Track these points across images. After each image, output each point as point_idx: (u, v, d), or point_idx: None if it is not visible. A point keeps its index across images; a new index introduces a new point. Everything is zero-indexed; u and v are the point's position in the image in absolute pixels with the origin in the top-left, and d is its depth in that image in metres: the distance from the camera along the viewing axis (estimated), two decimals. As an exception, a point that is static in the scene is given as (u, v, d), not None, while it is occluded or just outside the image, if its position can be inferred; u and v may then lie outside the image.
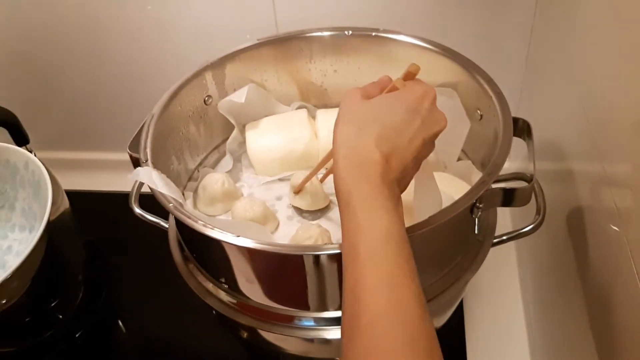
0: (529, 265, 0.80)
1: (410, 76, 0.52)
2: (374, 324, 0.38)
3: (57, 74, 0.93)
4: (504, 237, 0.62)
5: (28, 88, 0.95)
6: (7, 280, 0.61)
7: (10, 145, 0.74)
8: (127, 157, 0.61)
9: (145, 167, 0.58)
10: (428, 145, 0.49)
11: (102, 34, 0.88)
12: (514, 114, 0.63)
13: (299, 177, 0.67)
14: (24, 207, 0.77)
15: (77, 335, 0.80)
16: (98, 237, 0.89)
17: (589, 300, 0.55)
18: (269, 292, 0.57)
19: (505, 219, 0.86)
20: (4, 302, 0.66)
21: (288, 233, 0.66)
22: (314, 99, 0.79)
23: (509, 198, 0.57)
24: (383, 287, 0.39)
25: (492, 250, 0.62)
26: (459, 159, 0.70)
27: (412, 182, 0.60)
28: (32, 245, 0.64)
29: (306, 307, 0.57)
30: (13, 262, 0.74)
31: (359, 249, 0.41)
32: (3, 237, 0.77)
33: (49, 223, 0.66)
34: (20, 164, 0.74)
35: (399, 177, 0.46)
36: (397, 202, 0.45)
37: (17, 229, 0.78)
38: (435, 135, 0.49)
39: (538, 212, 0.61)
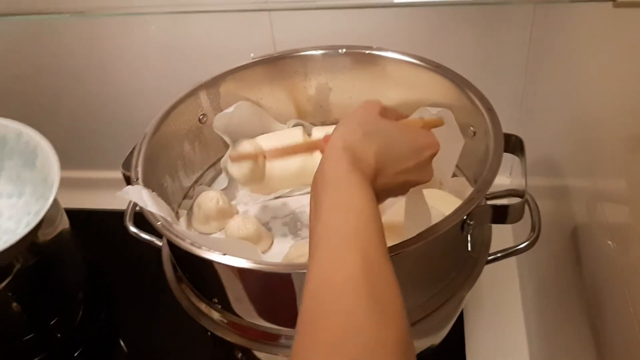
0: (530, 280, 0.79)
1: (430, 125, 0.54)
2: (343, 286, 0.36)
3: (57, 94, 0.94)
4: (499, 255, 0.62)
5: (30, 108, 0.96)
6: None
7: None
8: (125, 176, 0.61)
9: (135, 186, 0.58)
10: (403, 188, 0.50)
11: (105, 55, 0.89)
12: (513, 131, 0.63)
13: (246, 146, 0.65)
14: (11, 175, 0.79)
15: (76, 354, 0.80)
16: (97, 255, 0.90)
17: (590, 315, 0.54)
18: (260, 312, 0.57)
19: (507, 234, 0.85)
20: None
21: (282, 251, 0.65)
22: (310, 117, 0.79)
23: (500, 215, 0.56)
24: (358, 257, 0.37)
25: (493, 265, 0.62)
26: (453, 175, 0.70)
27: (402, 200, 0.60)
28: (47, 207, 0.67)
29: (298, 326, 0.57)
30: (6, 224, 0.78)
31: (346, 225, 0.39)
32: None
33: (43, 221, 0.68)
34: (10, 135, 0.76)
35: (376, 194, 0.45)
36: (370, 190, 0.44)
37: (5, 196, 0.80)
38: (415, 183, 0.50)
39: (533, 229, 0.61)
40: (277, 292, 0.55)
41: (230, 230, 0.65)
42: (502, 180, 0.92)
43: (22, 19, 0.86)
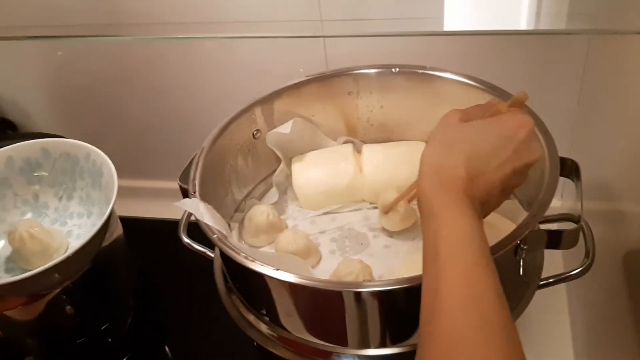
0: (580, 307, 0.77)
1: (516, 103, 0.52)
2: (451, 313, 0.40)
3: (120, 107, 0.98)
4: (551, 280, 0.61)
5: (94, 119, 1.00)
6: (71, 257, 0.64)
7: (69, 140, 0.79)
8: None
9: (192, 199, 0.60)
10: (519, 175, 0.49)
11: (165, 73, 0.92)
12: (566, 154, 0.62)
13: (387, 197, 0.68)
14: (82, 195, 0.81)
15: (124, 359, 0.82)
16: (148, 263, 0.92)
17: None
18: (308, 327, 0.58)
19: (557, 258, 0.83)
20: (57, 277, 0.68)
21: (329, 267, 0.66)
22: (360, 134, 0.80)
23: (554, 240, 0.55)
24: (462, 282, 0.41)
25: (542, 290, 0.61)
26: (505, 198, 0.69)
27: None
28: (99, 225, 0.68)
29: (345, 344, 0.57)
30: (74, 243, 0.79)
31: (439, 249, 0.42)
32: (63, 223, 0.82)
33: (109, 218, 0.70)
34: (80, 155, 0.78)
35: (483, 198, 0.47)
36: (479, 215, 0.46)
37: (76, 216, 0.82)
38: (527, 165, 0.49)
39: (587, 255, 0.59)
40: (326, 309, 0.56)
41: (281, 244, 0.66)
42: (553, 203, 0.89)
43: (92, 40, 0.90)
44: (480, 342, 0.38)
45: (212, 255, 0.68)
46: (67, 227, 0.81)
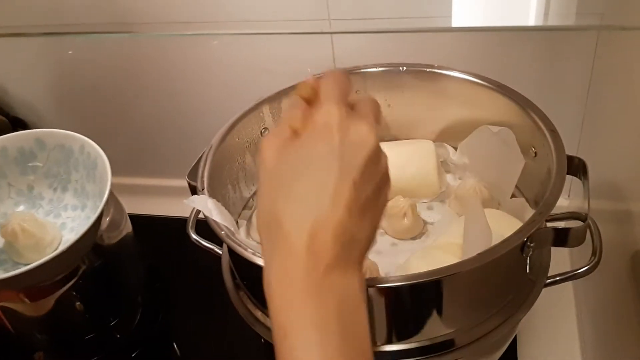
0: (587, 305, 0.77)
1: (308, 100, 0.39)
2: None
3: (126, 104, 0.99)
4: (558, 278, 0.61)
5: (99, 117, 1.01)
6: (63, 253, 0.64)
7: (64, 131, 0.78)
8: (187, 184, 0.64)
9: (201, 195, 0.60)
10: (368, 178, 0.37)
11: (172, 70, 0.93)
12: (573, 153, 0.62)
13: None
14: (76, 187, 0.80)
15: (133, 355, 0.83)
16: (157, 260, 0.93)
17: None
18: (315, 322, 0.58)
19: (564, 257, 0.83)
20: (49, 272, 0.68)
21: (337, 264, 0.66)
22: (368, 132, 0.80)
23: (561, 238, 0.55)
24: None
25: (549, 288, 0.61)
26: (512, 196, 0.69)
27: (463, 219, 0.60)
28: (93, 220, 0.67)
29: (352, 340, 0.57)
30: (67, 236, 0.78)
31: None
32: (57, 215, 0.81)
33: (101, 214, 0.69)
34: (75, 147, 0.77)
35: (344, 242, 0.35)
36: (337, 304, 0.34)
37: (70, 208, 0.81)
38: (366, 164, 0.36)
39: (594, 253, 0.59)
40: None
41: (288, 242, 0.67)
42: (561, 202, 0.89)
43: (102, 37, 0.90)
44: None
45: (220, 252, 0.68)
46: (61, 220, 0.81)
